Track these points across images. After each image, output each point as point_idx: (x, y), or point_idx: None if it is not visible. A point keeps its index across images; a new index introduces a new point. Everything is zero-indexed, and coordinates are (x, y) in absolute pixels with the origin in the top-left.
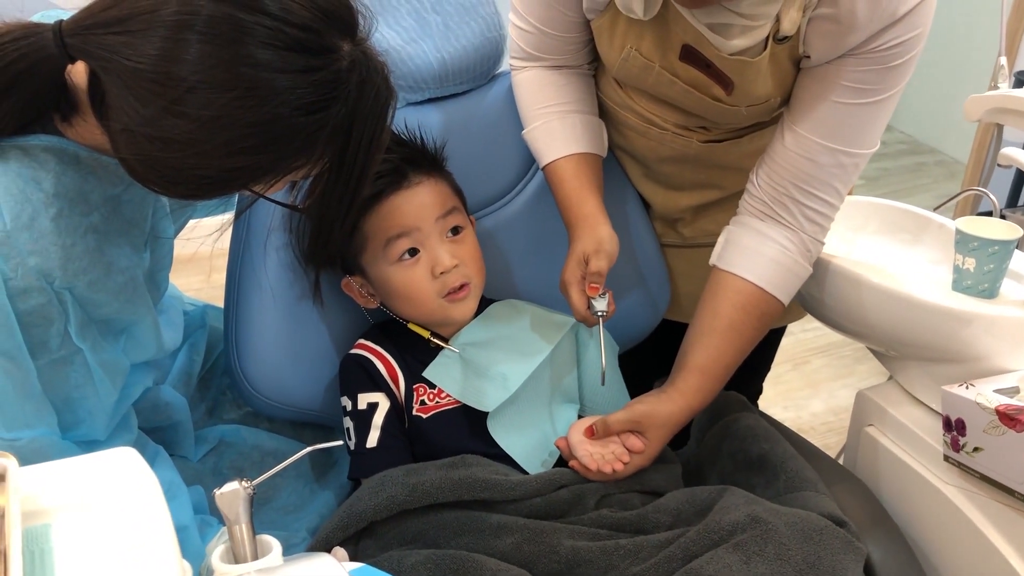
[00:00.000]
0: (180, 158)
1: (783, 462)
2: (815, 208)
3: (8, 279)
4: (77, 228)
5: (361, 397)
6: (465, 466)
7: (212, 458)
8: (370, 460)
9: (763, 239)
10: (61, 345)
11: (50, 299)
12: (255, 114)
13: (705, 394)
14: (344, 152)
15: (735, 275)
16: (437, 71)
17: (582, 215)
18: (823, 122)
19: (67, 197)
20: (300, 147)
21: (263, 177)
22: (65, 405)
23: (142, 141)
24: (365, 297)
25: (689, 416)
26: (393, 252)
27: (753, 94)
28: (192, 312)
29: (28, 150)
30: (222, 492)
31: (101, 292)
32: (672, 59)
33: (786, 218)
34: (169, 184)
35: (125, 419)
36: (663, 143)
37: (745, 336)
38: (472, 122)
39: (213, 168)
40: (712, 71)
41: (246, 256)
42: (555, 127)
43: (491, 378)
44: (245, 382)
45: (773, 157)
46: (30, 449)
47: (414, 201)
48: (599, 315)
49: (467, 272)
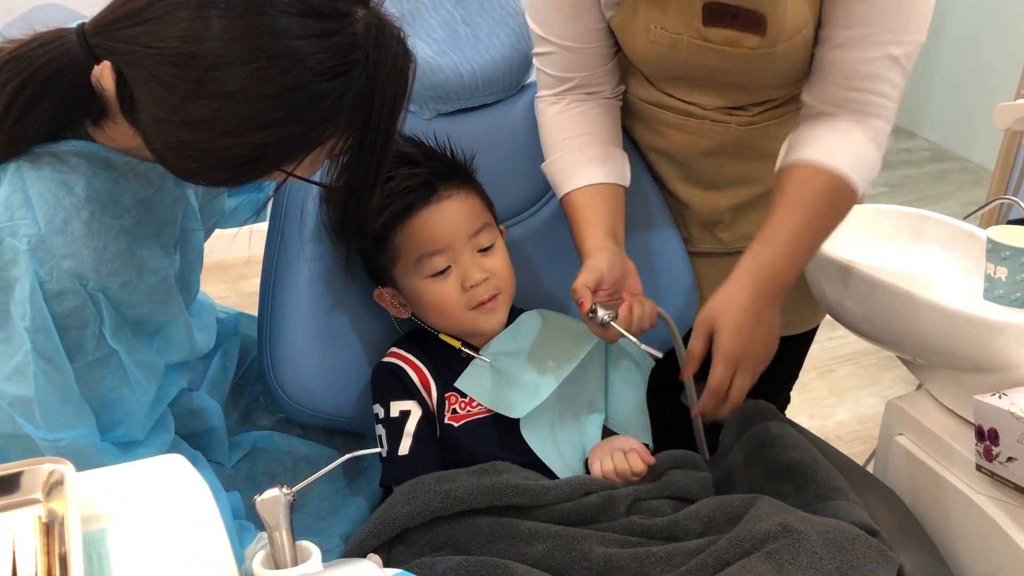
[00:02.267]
0: (209, 139)
1: (813, 471)
2: (873, 99)
3: (44, 282)
4: (109, 231)
5: (394, 405)
6: (496, 472)
7: (245, 464)
8: (402, 467)
9: (817, 127)
10: (96, 347)
11: (84, 301)
12: (278, 83)
13: (773, 259)
14: (368, 119)
15: (789, 165)
16: (467, 82)
17: (584, 249)
18: (859, 14)
19: (98, 200)
20: (325, 115)
21: (292, 154)
22: (102, 407)
23: (172, 128)
24: (396, 307)
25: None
26: (426, 268)
27: (787, 24)
28: (225, 320)
29: (60, 156)
30: (263, 498)
31: (134, 293)
32: (697, 27)
33: (842, 113)
34: (201, 169)
35: (162, 420)
36: (702, 133)
37: (804, 204)
38: (501, 132)
39: (243, 146)
40: (739, 19)
41: (280, 266)
42: (572, 159)
43: (521, 387)
44: (279, 390)
45: (819, 73)
46: (71, 450)
47: (446, 217)
48: (605, 321)
49: (497, 284)
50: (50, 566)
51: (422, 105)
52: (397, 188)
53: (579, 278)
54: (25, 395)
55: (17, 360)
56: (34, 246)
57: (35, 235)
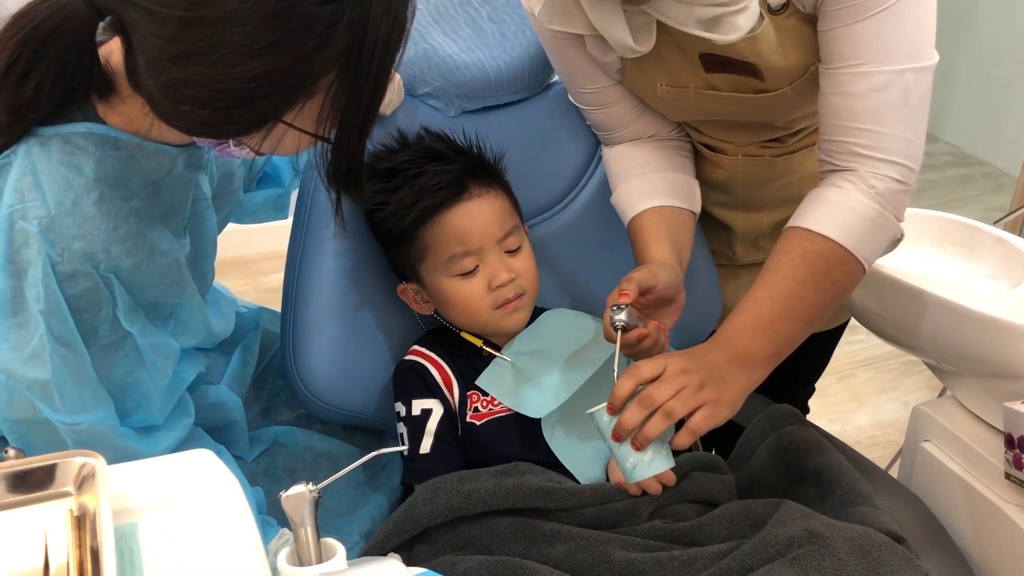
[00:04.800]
0: (201, 72)
1: (838, 476)
2: (863, 142)
3: (56, 264)
4: (119, 212)
5: (415, 403)
6: (518, 473)
7: (265, 459)
8: (423, 466)
9: (815, 191)
10: (111, 330)
11: (96, 283)
12: (269, 3)
13: (750, 331)
14: (360, 53)
15: (783, 231)
16: (493, 80)
17: (647, 258)
18: (841, 49)
19: (108, 182)
20: (317, 44)
21: (286, 93)
22: (119, 391)
23: (164, 64)
24: (419, 304)
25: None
26: (454, 268)
27: (781, 68)
28: (246, 314)
29: (68, 138)
30: (288, 495)
31: (146, 275)
32: (701, 75)
33: (838, 163)
34: (194, 112)
35: (181, 404)
36: (736, 169)
37: (784, 272)
38: (526, 130)
39: (234, 78)
40: (736, 66)
41: (305, 261)
42: (634, 186)
43: (542, 387)
44: (301, 386)
45: (820, 112)
46: (90, 433)
47: (476, 218)
48: (616, 326)
49: (522, 284)
50: (82, 560)
51: (447, 102)
52: (427, 184)
53: (637, 272)
54: (43, 378)
55: (34, 344)
56: (45, 228)
57: (45, 217)
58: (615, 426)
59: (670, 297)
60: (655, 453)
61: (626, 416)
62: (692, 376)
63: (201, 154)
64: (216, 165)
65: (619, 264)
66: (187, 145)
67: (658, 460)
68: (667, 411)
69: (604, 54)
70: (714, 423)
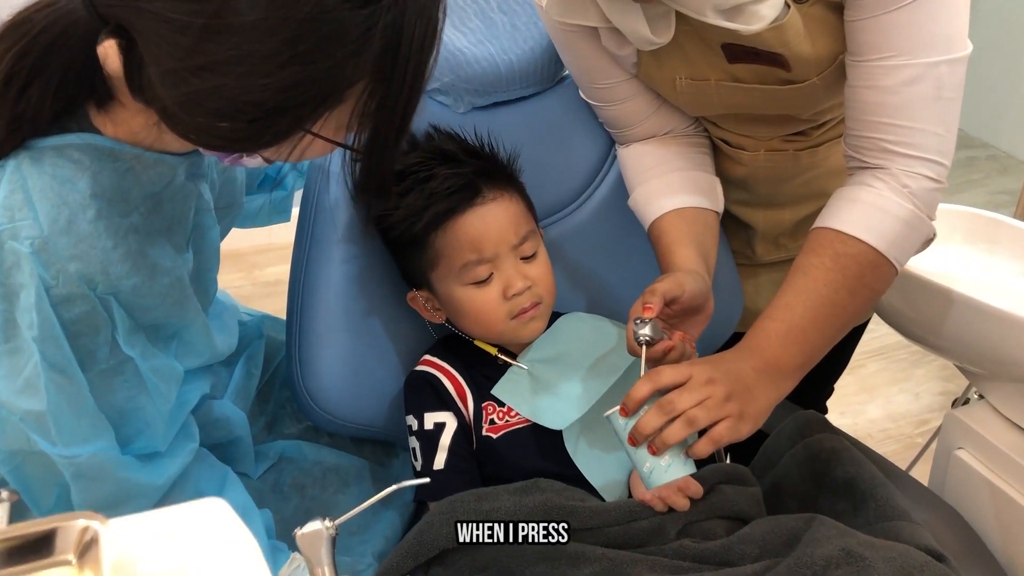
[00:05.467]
0: (227, 83)
1: (872, 488)
2: (894, 138)
3: (50, 287)
4: (118, 230)
5: (428, 416)
6: (539, 491)
7: (272, 475)
8: (438, 482)
9: (843, 189)
10: (110, 355)
11: (94, 306)
12: (301, 10)
13: (781, 338)
14: (395, 60)
15: (810, 231)
16: (504, 74)
17: (671, 263)
18: (870, 40)
19: (105, 197)
20: (353, 50)
21: (317, 103)
22: (120, 418)
23: (185, 76)
24: (431, 312)
25: (758, 361)
26: (467, 276)
27: (808, 58)
28: (249, 323)
29: (61, 150)
30: (303, 532)
31: (147, 296)
32: (723, 66)
33: (868, 160)
34: (215, 124)
35: (185, 428)
36: (757, 165)
37: (815, 277)
38: (538, 127)
39: (264, 89)
40: (761, 56)
41: (310, 268)
42: (653, 187)
43: (562, 396)
44: (309, 399)
45: (846, 105)
46: (90, 465)
47: (490, 223)
48: (640, 341)
49: (539, 292)
50: None
51: (457, 98)
52: (438, 188)
53: (661, 283)
54: (38, 409)
55: (27, 372)
56: (37, 249)
57: (38, 237)
58: (632, 428)
59: (697, 307)
60: (672, 458)
61: (644, 419)
62: (718, 387)
63: (202, 162)
64: (217, 172)
65: (637, 265)
66: (188, 153)
67: (675, 466)
68: (689, 418)
69: (620, 47)
70: (736, 437)
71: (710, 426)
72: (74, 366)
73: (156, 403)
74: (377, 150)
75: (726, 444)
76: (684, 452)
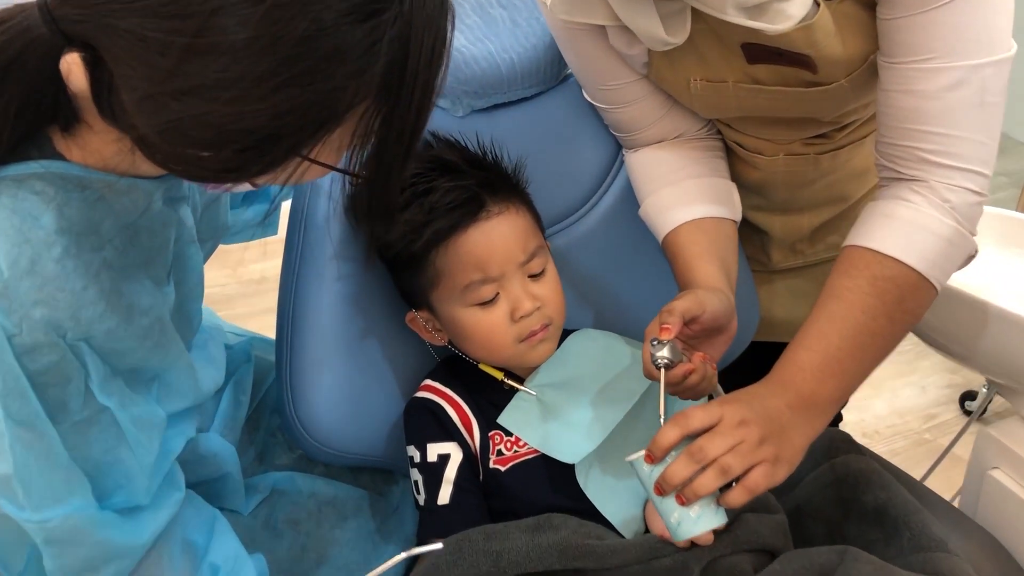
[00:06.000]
0: (215, 110)
1: (905, 516)
2: (934, 147)
3: (13, 336)
4: (88, 268)
5: (431, 448)
6: (553, 529)
7: (264, 510)
8: (442, 518)
9: (878, 203)
10: (84, 405)
11: (64, 355)
12: (297, 26)
13: (816, 371)
14: (403, 75)
15: (842, 248)
16: (505, 74)
17: (693, 280)
18: (908, 41)
19: (73, 232)
20: (356, 68)
21: (316, 127)
22: (97, 471)
23: (167, 102)
24: (432, 333)
25: (787, 393)
26: (472, 297)
27: (838, 59)
28: (236, 346)
29: (21, 181)
30: None
31: (123, 339)
32: (742, 67)
33: (903, 171)
34: (202, 155)
35: (170, 476)
36: (775, 171)
37: (851, 302)
38: (541, 129)
39: (256, 116)
40: (785, 56)
41: (301, 288)
42: (667, 196)
43: (573, 426)
44: (302, 430)
45: (879, 110)
46: (64, 529)
47: (496, 240)
48: (658, 364)
49: (548, 313)
50: None
51: (454, 101)
52: (440, 202)
53: (680, 302)
54: (3, 472)
55: None
56: None
57: None
58: (659, 478)
59: (719, 327)
60: (703, 508)
61: (673, 468)
62: (751, 429)
63: (181, 184)
64: (199, 193)
65: (648, 276)
66: (164, 176)
67: (706, 516)
68: (722, 467)
69: (629, 46)
70: (772, 484)
71: (744, 472)
72: (43, 420)
73: (137, 455)
74: (382, 174)
75: (762, 492)
76: (715, 500)
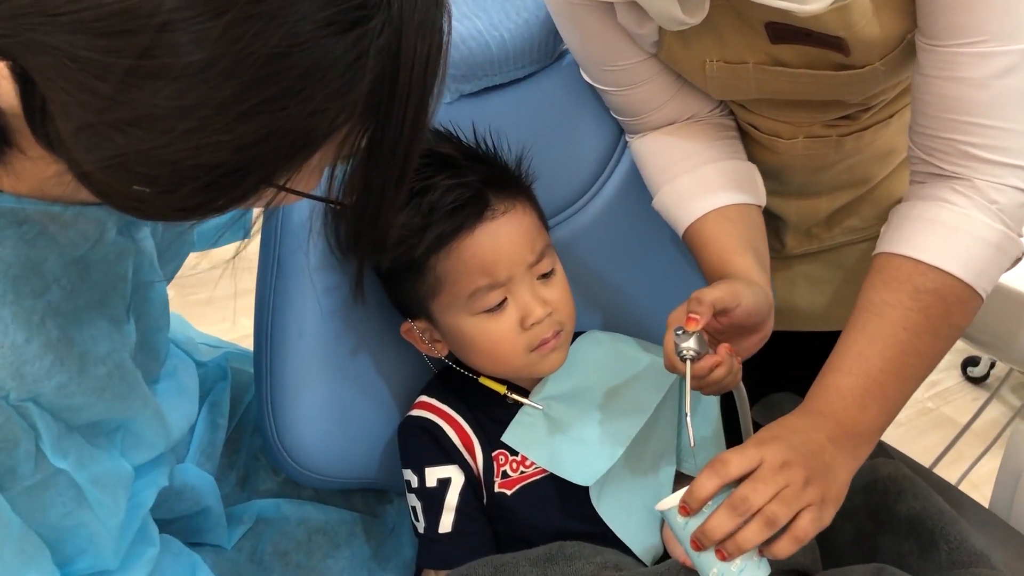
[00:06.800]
0: (168, 144)
1: (942, 528)
2: (980, 141)
3: None
4: (31, 316)
5: (429, 472)
6: (566, 560)
7: (249, 541)
8: (444, 548)
9: (915, 204)
10: (36, 468)
11: (8, 417)
12: (265, 41)
13: (857, 398)
14: (393, 92)
15: (877, 255)
16: (496, 54)
17: (727, 272)
18: (955, 22)
19: (9, 275)
20: (337, 89)
21: (290, 156)
22: (56, 537)
23: (110, 134)
24: (429, 345)
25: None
26: (478, 305)
27: (875, 40)
28: (210, 362)
29: None
30: None
31: (77, 394)
32: (764, 47)
33: (944, 167)
34: (160, 195)
35: (142, 532)
36: (794, 154)
37: (892, 319)
38: (537, 113)
39: (222, 147)
40: (815, 37)
41: (279, 305)
42: (684, 184)
43: (585, 443)
44: (287, 457)
45: (916, 97)
46: None
47: (503, 241)
48: (683, 356)
49: (560, 319)
50: None
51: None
52: (440, 203)
53: (713, 291)
54: None
55: None
56: None
57: None
58: (697, 533)
59: (753, 324)
60: (745, 561)
61: (714, 523)
62: (795, 472)
63: None
64: None
65: (659, 267)
66: None
67: (749, 569)
68: (768, 518)
69: (639, 25)
70: (820, 528)
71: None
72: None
73: (100, 517)
74: (372, 203)
75: (810, 539)
76: (757, 551)
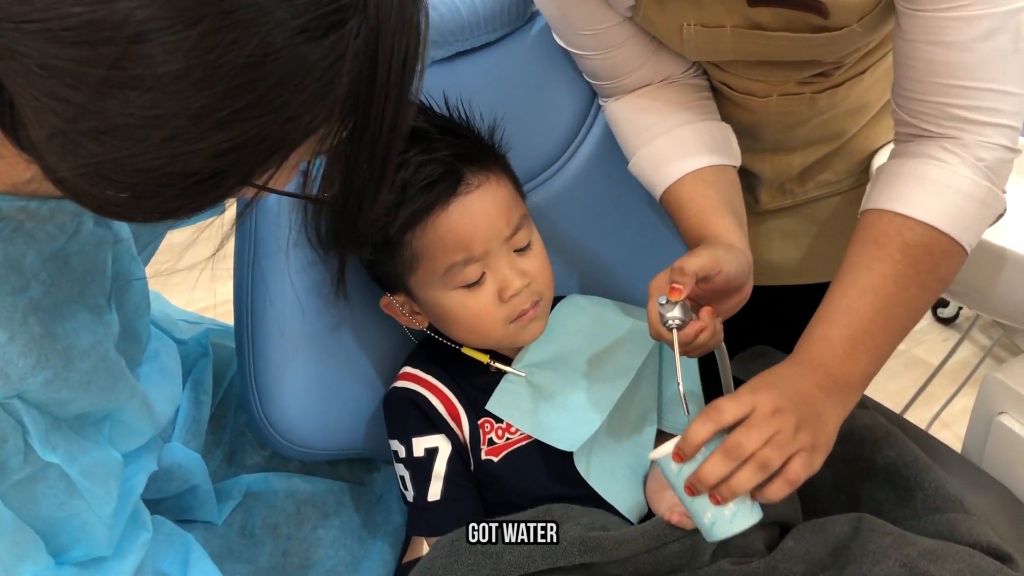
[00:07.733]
0: (144, 152)
1: (917, 475)
2: (968, 103)
3: None
4: (12, 314)
5: (416, 442)
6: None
7: (239, 516)
8: (434, 515)
9: (904, 161)
10: (25, 463)
11: None
12: (240, 51)
13: (847, 348)
14: (371, 93)
15: (866, 212)
16: (466, 17)
17: (707, 236)
18: None
19: None
20: (314, 94)
21: (266, 159)
22: (49, 527)
23: (84, 142)
24: (409, 318)
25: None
26: (456, 280)
27: (853, 4)
28: (191, 340)
29: None
30: None
31: (63, 389)
32: (742, 10)
33: (933, 129)
34: (137, 200)
35: (134, 517)
36: (768, 112)
37: (881, 272)
38: (509, 77)
39: (198, 155)
40: (793, 0)
41: (257, 283)
42: (660, 147)
43: (569, 408)
44: (273, 432)
45: (900, 61)
46: None
47: (478, 216)
48: (669, 326)
49: (538, 289)
50: None
51: None
52: (413, 179)
53: (694, 259)
54: None
55: None
56: None
57: None
58: (692, 478)
59: (733, 288)
60: (738, 505)
61: (708, 467)
62: (786, 417)
63: None
64: None
65: (635, 229)
66: None
67: (742, 513)
68: (761, 462)
69: None
70: (811, 472)
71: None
72: None
73: (93, 506)
74: (353, 201)
75: (802, 483)
76: (749, 496)
